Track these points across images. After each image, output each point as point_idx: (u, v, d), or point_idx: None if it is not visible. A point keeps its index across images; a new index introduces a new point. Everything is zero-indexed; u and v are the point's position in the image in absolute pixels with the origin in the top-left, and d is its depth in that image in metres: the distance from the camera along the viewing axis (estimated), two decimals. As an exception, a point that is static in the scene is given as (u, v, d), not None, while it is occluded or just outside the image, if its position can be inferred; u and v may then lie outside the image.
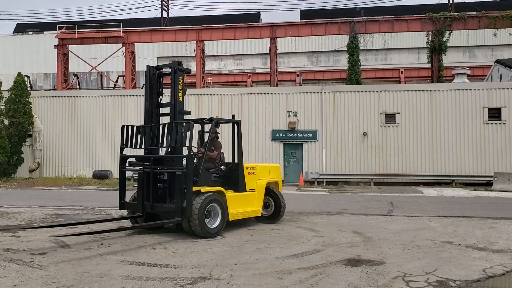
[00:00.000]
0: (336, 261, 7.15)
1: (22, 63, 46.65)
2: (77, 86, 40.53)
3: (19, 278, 6.27)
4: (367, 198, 17.25)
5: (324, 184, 23.69)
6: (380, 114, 24.18)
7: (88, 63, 36.75)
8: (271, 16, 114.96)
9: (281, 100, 25.05)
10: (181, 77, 9.59)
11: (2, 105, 26.24)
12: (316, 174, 23.92)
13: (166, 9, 55.05)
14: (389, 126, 24.08)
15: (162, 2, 54.93)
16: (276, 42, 32.75)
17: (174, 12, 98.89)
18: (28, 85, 31.51)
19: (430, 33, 31.10)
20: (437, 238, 9.00)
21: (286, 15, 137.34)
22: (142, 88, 41.28)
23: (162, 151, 10.11)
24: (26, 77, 29.42)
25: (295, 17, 69.73)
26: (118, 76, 42.21)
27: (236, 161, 10.57)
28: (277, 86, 31.40)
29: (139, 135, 9.63)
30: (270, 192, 11.08)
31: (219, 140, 10.92)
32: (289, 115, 24.78)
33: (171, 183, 9.15)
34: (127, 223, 10.31)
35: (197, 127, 11.19)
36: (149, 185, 9.28)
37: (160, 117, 10.06)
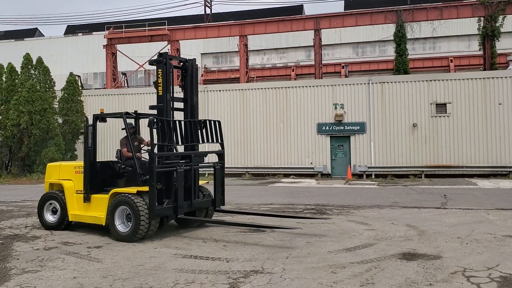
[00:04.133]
0: (390, 255, 6.95)
1: (73, 63, 48.31)
2: (126, 84, 41.57)
3: (77, 270, 6.47)
4: (419, 191, 16.76)
5: (373, 177, 23.22)
6: (431, 104, 23.39)
7: (135, 62, 37.60)
8: (314, 8, 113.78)
9: (327, 93, 24.69)
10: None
11: (56, 104, 27.30)
12: (365, 167, 23.47)
13: (209, 5, 55.49)
14: (440, 116, 23.26)
15: (205, -2, 55.37)
16: (320, 33, 32.30)
17: (216, 8, 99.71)
18: (80, 84, 32.58)
19: (482, 18, 29.73)
20: (497, 232, 8.60)
21: (329, 6, 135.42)
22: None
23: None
24: (77, 76, 30.45)
25: (339, 7, 68.66)
26: (164, 74, 42.89)
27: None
28: (322, 78, 31.00)
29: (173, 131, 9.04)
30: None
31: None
32: (336, 108, 24.39)
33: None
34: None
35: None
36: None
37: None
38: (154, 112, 9.17)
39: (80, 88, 31.00)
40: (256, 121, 25.53)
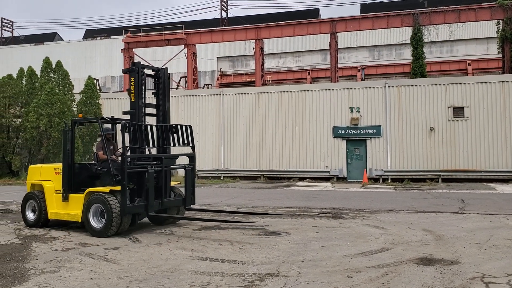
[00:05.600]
0: (407, 259, 6.89)
1: (91, 67, 48.97)
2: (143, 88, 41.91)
3: (95, 271, 6.54)
4: (436, 195, 16.57)
5: (389, 181, 23.04)
6: (448, 107, 23.16)
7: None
8: (330, 12, 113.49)
9: (343, 96, 24.60)
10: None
11: (74, 107, 27.67)
12: (381, 171, 23.31)
13: (225, 9, 55.77)
14: (457, 120, 23.01)
15: (221, 2, 55.71)
16: (336, 37, 32.24)
17: (232, 12, 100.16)
18: (98, 87, 33.03)
19: (500, 21, 29.40)
20: (516, 237, 8.46)
21: (346, 9, 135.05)
22: (203, 88, 42.11)
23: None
24: (95, 80, 30.83)
25: (356, 11, 68.40)
26: (181, 77, 43.27)
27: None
28: (338, 82, 30.91)
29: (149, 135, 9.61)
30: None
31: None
32: (352, 111, 24.29)
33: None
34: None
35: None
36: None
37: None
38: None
39: (98, 91, 31.38)
40: (271, 125, 25.55)
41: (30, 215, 10.35)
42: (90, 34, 59.97)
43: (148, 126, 9.41)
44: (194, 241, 8.56)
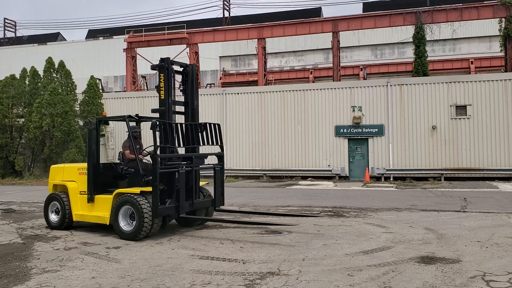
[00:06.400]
0: (408, 258, 6.89)
1: (94, 66, 49.05)
2: (145, 87, 42.03)
3: (96, 270, 6.57)
4: (438, 194, 16.55)
5: (391, 179, 23.01)
6: (450, 106, 23.10)
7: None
8: (332, 10, 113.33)
9: (345, 95, 24.57)
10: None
11: (77, 107, 27.74)
12: (383, 169, 23.27)
13: (228, 8, 55.78)
14: (460, 118, 22.95)
15: (223, 2, 55.70)
16: (339, 36, 32.20)
17: (235, 11, 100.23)
18: (100, 87, 33.04)
19: (503, 19, 29.29)
20: (518, 236, 8.45)
21: (348, 8, 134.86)
22: (206, 87, 42.12)
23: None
24: (98, 80, 30.90)
25: (358, 10, 68.34)
26: (183, 76, 43.23)
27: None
28: (340, 81, 30.88)
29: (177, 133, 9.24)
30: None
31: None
32: (354, 110, 24.25)
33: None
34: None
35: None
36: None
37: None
38: (155, 115, 9.47)
39: (101, 91, 31.43)
40: (274, 124, 25.54)
41: (53, 217, 10.04)
42: (93, 34, 60.10)
43: (178, 125, 9.12)
44: (196, 240, 8.58)
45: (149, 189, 8.63)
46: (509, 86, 22.51)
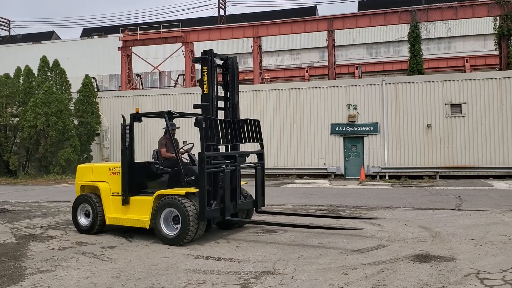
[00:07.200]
0: (403, 256, 6.91)
1: (89, 65, 48.86)
2: (140, 86, 41.94)
3: (91, 270, 6.56)
4: (433, 192, 16.60)
5: (386, 178, 23.07)
6: (445, 104, 23.17)
7: (150, 64, 37.93)
8: (328, 9, 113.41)
9: (340, 93, 24.60)
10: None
11: (72, 106, 27.65)
12: (378, 168, 23.32)
13: (223, 7, 55.68)
14: (455, 116, 23.02)
15: (219, 1, 55.60)
16: (334, 34, 32.21)
17: (230, 10, 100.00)
18: (95, 86, 32.97)
19: (497, 18, 29.40)
20: (512, 234, 8.50)
21: (343, 7, 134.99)
22: (201, 86, 42.03)
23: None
24: (93, 78, 30.79)
25: (353, 8, 68.44)
26: (179, 75, 43.24)
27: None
28: (335, 79, 30.91)
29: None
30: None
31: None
32: (349, 108, 24.29)
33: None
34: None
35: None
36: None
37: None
38: (187, 111, 9.11)
39: (96, 90, 31.35)
40: (269, 122, 25.54)
41: (83, 220, 9.42)
42: (88, 32, 59.88)
43: (223, 121, 8.73)
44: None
45: (195, 190, 8.13)
46: (503, 84, 22.60)
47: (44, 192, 18.95)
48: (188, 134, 20.91)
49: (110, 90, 45.10)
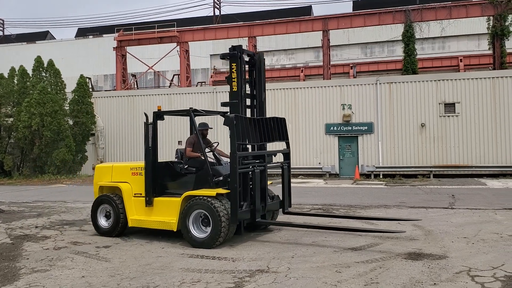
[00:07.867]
0: (395, 254, 6.99)
1: (83, 65, 48.72)
2: (135, 86, 41.88)
3: (86, 269, 6.59)
4: (426, 191, 16.71)
5: (381, 177, 23.16)
6: (439, 104, 23.29)
7: (145, 63, 37.89)
8: (322, 9, 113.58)
9: (335, 93, 24.69)
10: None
11: (66, 106, 27.57)
12: (372, 167, 23.42)
13: (218, 7, 55.68)
14: (448, 116, 23.15)
15: (214, 0, 55.59)
16: (329, 34, 32.30)
17: (225, 10, 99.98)
18: (90, 86, 32.92)
19: (491, 18, 29.58)
20: (503, 232, 8.58)
21: (338, 7, 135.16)
22: (196, 85, 42.08)
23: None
24: (88, 78, 30.72)
25: (348, 8, 68.58)
26: (174, 75, 43.20)
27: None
28: (330, 79, 30.99)
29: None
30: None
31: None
32: (343, 108, 24.38)
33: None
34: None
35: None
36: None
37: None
38: (211, 109, 8.92)
39: (91, 90, 31.28)
40: (264, 122, 25.53)
41: (103, 222, 9.09)
42: (82, 32, 59.70)
43: (253, 120, 8.52)
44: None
45: (225, 191, 7.86)
46: (497, 83, 22.76)
47: (39, 193, 18.93)
48: (189, 134, 20.90)
49: (105, 90, 45.02)
